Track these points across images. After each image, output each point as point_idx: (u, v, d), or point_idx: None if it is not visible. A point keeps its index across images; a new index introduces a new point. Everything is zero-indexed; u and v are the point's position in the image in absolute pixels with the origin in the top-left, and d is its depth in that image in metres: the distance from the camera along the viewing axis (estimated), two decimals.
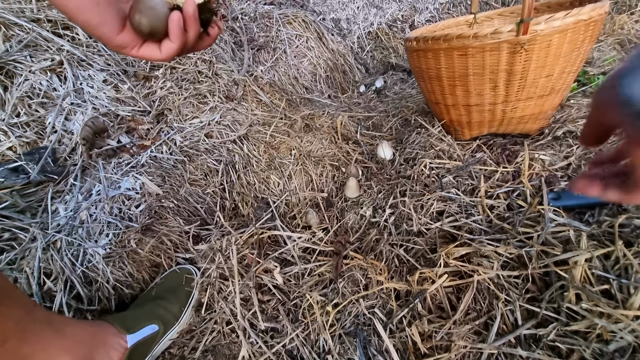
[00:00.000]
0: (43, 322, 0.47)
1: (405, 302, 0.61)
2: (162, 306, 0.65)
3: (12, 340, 0.42)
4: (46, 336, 0.46)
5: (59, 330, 0.48)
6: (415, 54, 0.84)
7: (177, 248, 0.80)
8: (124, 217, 0.74)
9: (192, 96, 1.06)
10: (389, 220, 0.78)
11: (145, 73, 1.04)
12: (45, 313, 0.49)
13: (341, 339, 0.59)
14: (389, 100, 1.42)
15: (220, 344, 0.64)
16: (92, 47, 0.99)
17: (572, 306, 0.50)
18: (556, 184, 0.72)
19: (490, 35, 0.69)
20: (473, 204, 0.74)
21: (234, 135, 1.00)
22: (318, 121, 1.13)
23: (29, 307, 0.46)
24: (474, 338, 0.53)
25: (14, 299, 0.44)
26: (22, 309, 0.44)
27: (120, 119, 0.91)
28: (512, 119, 0.84)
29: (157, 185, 0.80)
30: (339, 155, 1.05)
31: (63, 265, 0.65)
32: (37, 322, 0.46)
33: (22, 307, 0.45)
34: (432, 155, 0.90)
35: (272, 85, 1.28)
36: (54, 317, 0.51)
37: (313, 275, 0.71)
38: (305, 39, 1.52)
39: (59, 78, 0.91)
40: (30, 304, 0.47)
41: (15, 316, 0.43)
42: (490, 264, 0.59)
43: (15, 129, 0.81)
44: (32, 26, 0.91)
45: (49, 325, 0.47)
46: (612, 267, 0.53)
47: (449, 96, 0.85)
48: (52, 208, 0.72)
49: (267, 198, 0.94)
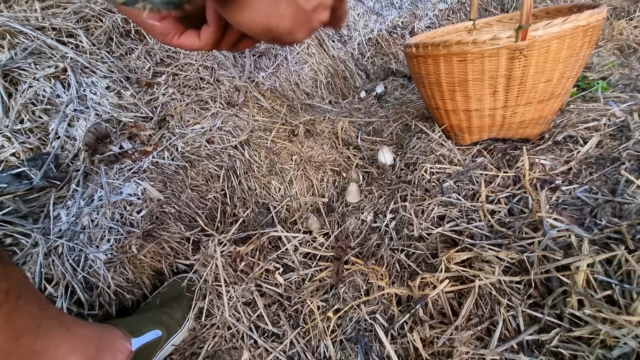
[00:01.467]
0: (55, 320, 0.47)
1: (406, 307, 0.61)
2: (166, 312, 0.65)
3: (26, 336, 0.42)
4: (58, 334, 0.46)
5: (70, 329, 0.49)
6: (415, 60, 0.85)
7: (177, 254, 0.80)
8: (125, 222, 0.74)
9: (194, 102, 1.07)
10: (389, 225, 0.78)
11: (147, 80, 1.05)
12: (57, 311, 0.50)
13: (342, 344, 0.59)
14: (390, 105, 1.43)
15: (220, 350, 0.63)
16: (96, 54, 1.00)
17: (575, 312, 0.50)
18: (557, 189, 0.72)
19: (489, 41, 0.69)
20: (474, 209, 0.74)
21: (235, 141, 1.01)
22: (319, 127, 1.14)
23: (43, 304, 0.46)
24: (476, 344, 0.53)
25: (31, 294, 0.45)
26: (37, 305, 0.45)
27: (122, 125, 0.92)
28: (512, 124, 0.84)
29: (158, 191, 0.81)
30: (339, 161, 1.05)
31: (64, 271, 0.65)
32: (50, 319, 0.46)
33: (38, 304, 0.45)
34: (432, 160, 0.90)
35: (273, 91, 1.29)
36: (65, 316, 0.51)
37: (314, 280, 0.71)
38: (306, 46, 1.53)
39: (63, 85, 0.92)
40: (44, 302, 0.47)
41: (32, 312, 0.43)
42: (491, 269, 0.59)
43: (18, 135, 0.82)
44: (36, 34, 0.93)
45: (61, 324, 0.48)
46: (614, 272, 0.53)
47: (449, 101, 0.85)
48: (54, 213, 0.72)
49: (267, 203, 0.94)
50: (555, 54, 0.70)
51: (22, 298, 0.42)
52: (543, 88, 0.75)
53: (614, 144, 0.80)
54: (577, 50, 0.71)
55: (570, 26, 0.67)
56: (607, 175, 0.72)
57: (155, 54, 1.12)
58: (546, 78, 0.74)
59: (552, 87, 0.76)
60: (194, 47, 0.37)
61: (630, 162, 0.73)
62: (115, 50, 1.05)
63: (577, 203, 0.68)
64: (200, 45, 0.36)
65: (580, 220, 0.64)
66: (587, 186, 0.71)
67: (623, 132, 0.82)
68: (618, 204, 0.64)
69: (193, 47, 0.37)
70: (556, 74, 0.73)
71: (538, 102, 0.78)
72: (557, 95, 0.78)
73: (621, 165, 0.73)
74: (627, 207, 0.63)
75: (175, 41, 0.36)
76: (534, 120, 0.83)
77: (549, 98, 0.78)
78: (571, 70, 0.75)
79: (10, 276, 0.42)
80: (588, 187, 0.71)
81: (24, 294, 0.43)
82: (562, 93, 0.79)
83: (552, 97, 0.78)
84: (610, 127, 0.85)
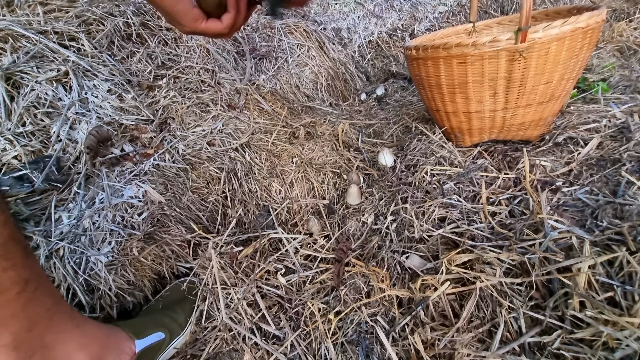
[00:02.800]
0: (67, 315, 0.47)
1: (407, 309, 0.61)
2: (168, 315, 0.66)
3: (39, 328, 0.42)
4: (68, 329, 0.47)
5: (80, 325, 0.49)
6: (415, 62, 0.85)
7: (178, 257, 0.80)
8: (126, 225, 0.74)
9: (195, 105, 1.07)
10: (390, 227, 0.78)
11: (149, 82, 1.06)
12: (69, 307, 0.50)
13: (343, 347, 0.59)
14: (390, 107, 1.43)
15: (222, 352, 0.63)
16: (97, 57, 1.00)
17: (577, 313, 0.49)
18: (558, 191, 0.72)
19: (488, 43, 0.70)
20: (475, 211, 0.74)
21: (236, 144, 1.01)
22: (319, 129, 1.14)
23: (57, 298, 0.47)
24: (478, 346, 0.53)
25: (47, 287, 0.45)
26: (52, 299, 0.45)
27: (124, 128, 0.93)
28: (512, 126, 0.84)
29: (159, 193, 0.81)
30: (340, 163, 1.05)
31: (65, 273, 0.65)
32: (62, 314, 0.46)
33: (53, 297, 0.46)
34: (433, 162, 0.90)
35: (274, 94, 1.29)
36: (76, 313, 0.51)
37: (315, 282, 0.71)
38: (306, 48, 1.54)
39: (65, 88, 0.92)
40: (58, 296, 0.48)
41: (46, 304, 0.44)
42: (492, 270, 0.58)
43: (20, 138, 0.82)
44: (39, 38, 0.93)
45: (72, 319, 0.48)
46: (616, 274, 0.53)
47: (449, 103, 0.86)
48: (56, 216, 0.73)
49: (268, 205, 0.95)
50: (555, 55, 0.70)
51: (39, 289, 0.42)
52: (543, 90, 0.76)
53: (615, 146, 0.79)
54: (577, 52, 0.71)
55: (570, 28, 0.67)
56: (608, 177, 0.72)
57: (156, 57, 1.13)
58: (546, 80, 0.74)
59: (552, 89, 0.76)
60: (217, 29, 0.44)
61: (631, 163, 0.73)
62: (116, 54, 1.06)
63: (578, 204, 0.68)
64: (222, 27, 0.44)
65: (582, 221, 0.64)
66: (588, 187, 0.71)
67: (624, 134, 0.82)
68: (619, 205, 0.64)
69: (216, 29, 0.44)
70: (556, 75, 0.74)
71: (538, 104, 0.78)
72: (557, 97, 0.78)
73: (622, 167, 0.73)
74: (628, 208, 0.63)
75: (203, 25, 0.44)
76: (534, 121, 0.83)
77: (549, 100, 0.78)
78: (571, 72, 0.75)
79: (31, 266, 0.42)
80: (589, 189, 0.70)
81: (41, 285, 0.43)
82: (562, 95, 0.79)
83: (552, 98, 0.78)
84: (611, 128, 0.85)
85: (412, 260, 0.67)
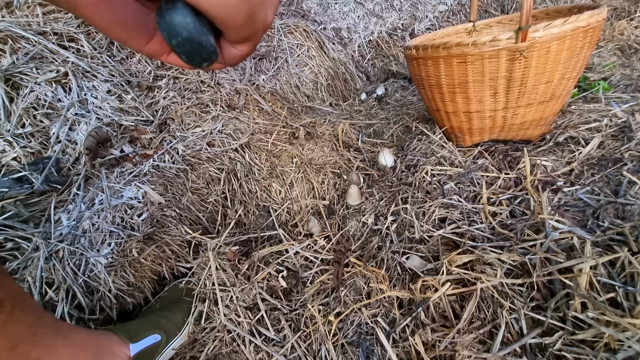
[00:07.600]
0: (52, 328, 0.47)
1: (408, 310, 0.61)
2: (165, 317, 0.65)
3: (23, 345, 0.42)
4: (54, 342, 0.46)
5: (67, 336, 0.48)
6: (415, 62, 0.85)
7: (178, 257, 0.80)
8: (126, 226, 0.74)
9: (195, 105, 1.07)
10: (390, 228, 0.77)
11: (148, 83, 1.06)
12: (53, 319, 0.49)
13: (344, 348, 0.59)
14: (390, 107, 1.43)
15: (221, 353, 0.63)
16: (97, 58, 1.00)
17: (578, 314, 0.49)
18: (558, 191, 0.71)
19: (489, 42, 0.69)
20: (475, 211, 0.73)
21: (236, 144, 1.01)
22: (319, 129, 1.14)
23: (39, 313, 0.46)
24: (479, 347, 0.53)
25: (26, 303, 0.45)
26: (33, 314, 0.45)
27: (123, 129, 0.92)
28: (513, 125, 0.84)
29: (159, 194, 0.81)
30: (340, 163, 1.05)
31: (65, 275, 0.65)
32: (46, 327, 0.46)
33: (33, 312, 0.45)
34: (433, 162, 0.90)
35: (274, 94, 1.29)
36: (61, 323, 0.51)
37: (315, 283, 0.71)
38: (306, 48, 1.53)
39: (64, 89, 0.92)
40: (40, 310, 0.47)
41: (27, 321, 0.43)
42: (493, 271, 0.58)
43: (20, 140, 0.82)
44: (38, 39, 0.93)
45: (57, 332, 0.47)
46: (617, 274, 0.52)
47: (449, 103, 0.85)
48: (55, 217, 0.72)
49: (268, 206, 0.94)
50: (555, 55, 0.70)
51: (17, 307, 0.42)
52: (544, 89, 0.75)
53: (616, 145, 0.79)
54: (578, 51, 0.71)
55: (571, 27, 0.67)
56: (609, 177, 0.72)
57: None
58: (547, 79, 0.73)
59: (552, 88, 0.76)
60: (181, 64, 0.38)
61: (633, 162, 0.72)
62: (116, 55, 1.06)
63: (579, 204, 0.67)
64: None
65: (583, 221, 0.64)
66: (589, 187, 0.70)
67: (625, 133, 0.81)
68: (620, 205, 0.64)
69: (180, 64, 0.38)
70: (557, 75, 0.73)
71: (539, 104, 0.78)
72: (557, 96, 0.78)
73: (623, 166, 0.72)
74: (629, 208, 0.62)
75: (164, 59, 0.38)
76: (535, 121, 0.83)
77: (550, 99, 0.78)
78: (572, 71, 0.74)
79: (5, 285, 0.42)
80: (590, 189, 0.70)
81: (18, 302, 0.43)
82: (562, 94, 0.79)
83: (552, 98, 0.78)
84: (612, 127, 0.85)
85: (412, 261, 0.67)
